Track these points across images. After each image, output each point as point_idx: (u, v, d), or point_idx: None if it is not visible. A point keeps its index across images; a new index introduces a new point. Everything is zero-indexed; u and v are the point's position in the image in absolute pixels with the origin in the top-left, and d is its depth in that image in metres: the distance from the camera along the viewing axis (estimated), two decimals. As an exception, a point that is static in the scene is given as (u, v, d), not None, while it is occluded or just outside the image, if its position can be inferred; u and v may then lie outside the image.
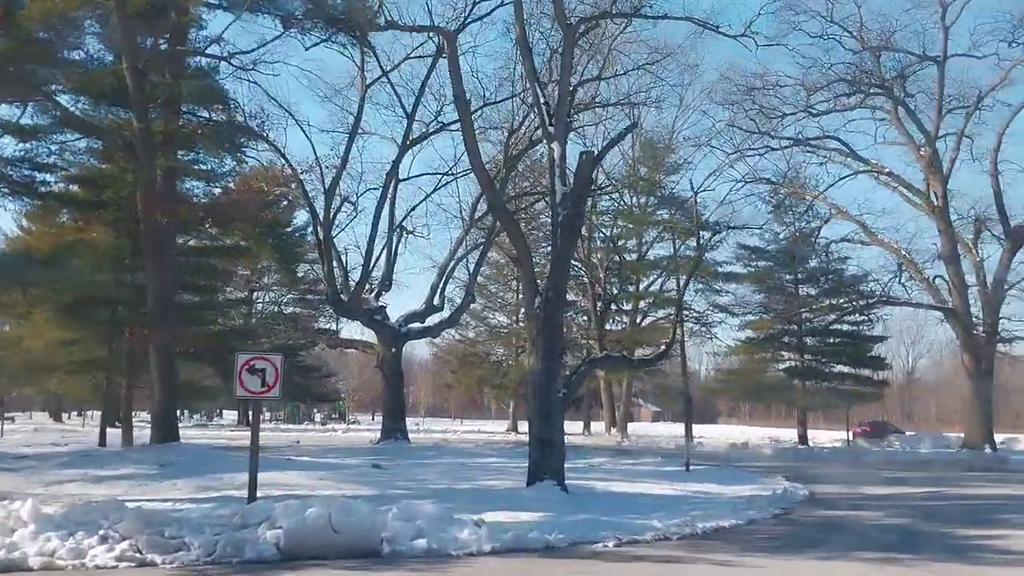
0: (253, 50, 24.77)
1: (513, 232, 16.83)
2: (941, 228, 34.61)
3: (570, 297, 50.75)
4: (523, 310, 42.49)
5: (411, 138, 31.00)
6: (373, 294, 32.22)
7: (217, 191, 29.06)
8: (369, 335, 34.72)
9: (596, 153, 16.48)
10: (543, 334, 15.03)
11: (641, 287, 46.40)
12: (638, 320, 45.83)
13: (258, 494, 14.20)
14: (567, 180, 15.27)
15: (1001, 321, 34.73)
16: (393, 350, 30.63)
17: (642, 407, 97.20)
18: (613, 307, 48.11)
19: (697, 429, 67.30)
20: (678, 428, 65.46)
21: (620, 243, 45.30)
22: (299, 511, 8.97)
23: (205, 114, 26.83)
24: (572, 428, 54.16)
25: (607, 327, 47.97)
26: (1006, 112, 35.00)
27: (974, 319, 34.30)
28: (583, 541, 9.93)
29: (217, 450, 22.90)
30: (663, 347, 19.76)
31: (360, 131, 31.23)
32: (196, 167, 27.87)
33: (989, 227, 36.55)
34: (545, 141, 16.64)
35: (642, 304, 46.86)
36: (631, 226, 45.35)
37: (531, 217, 37.69)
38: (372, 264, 31.47)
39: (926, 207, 35.39)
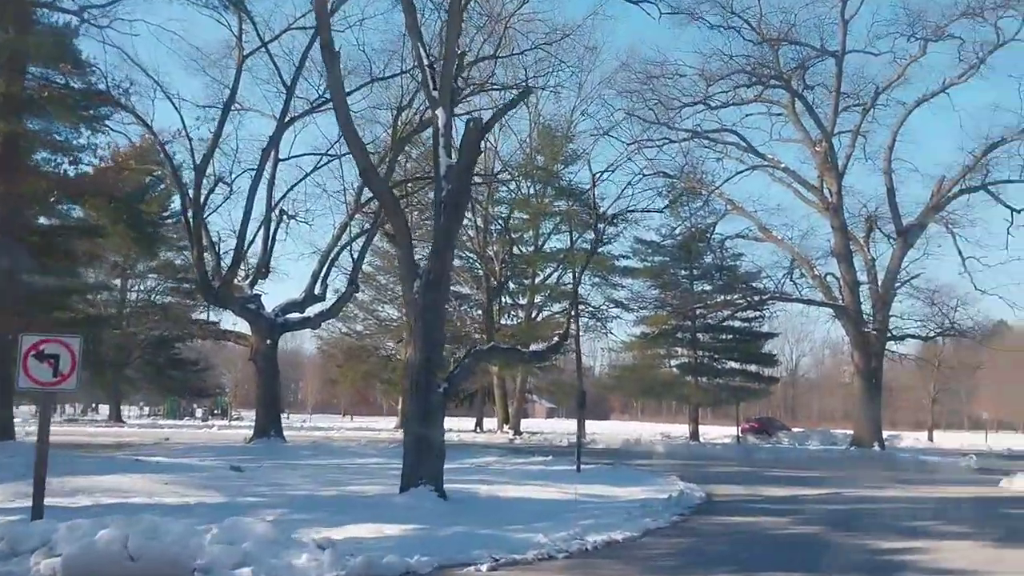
0: (108, 4, 22.26)
1: (387, 202, 15.07)
2: (835, 225, 34.58)
3: (464, 290, 49.26)
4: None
5: (291, 114, 28.73)
6: (247, 282, 29.77)
7: (71, 165, 26.08)
8: (244, 326, 32.19)
9: (485, 121, 14.85)
10: (422, 321, 13.34)
11: (537, 280, 45.10)
12: (533, 315, 44.56)
13: (87, 501, 12.11)
14: (452, 152, 13.63)
15: (891, 319, 34.99)
16: (268, 342, 28.26)
17: (536, 403, 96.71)
18: (508, 301, 46.77)
19: (591, 425, 66.75)
20: (572, 424, 64.68)
21: (516, 235, 43.93)
22: (88, 534, 7.03)
23: (61, 79, 23.96)
24: (464, 425, 52.76)
25: (503, 321, 46.63)
26: (901, 110, 35.37)
27: (865, 317, 34.40)
28: (452, 564, 8.25)
29: (65, 448, 20.25)
30: (555, 340, 18.28)
31: (237, 106, 28.82)
32: (49, 137, 24.90)
33: (880, 225, 36.91)
34: (431, 110, 15.01)
35: (538, 298, 45.62)
36: (527, 217, 44.02)
37: (423, 207, 35.80)
38: (246, 249, 29.05)
39: (820, 204, 35.34)
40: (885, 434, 53.00)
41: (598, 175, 27.56)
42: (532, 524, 10.60)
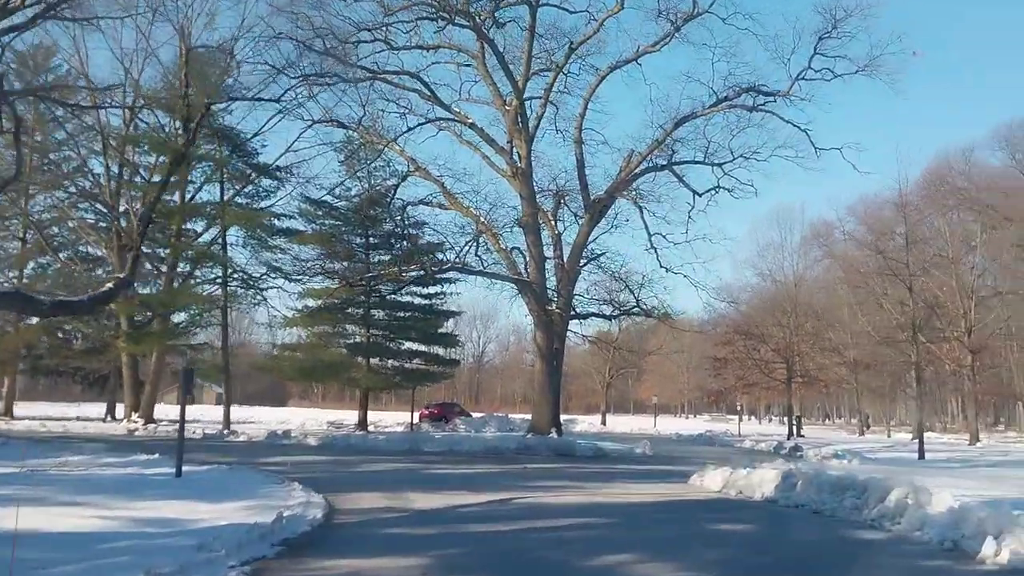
0: None
1: None
2: (523, 193, 31.44)
3: (96, 252, 40.56)
4: None
5: None
6: None
7: None
8: None
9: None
10: None
11: (183, 239, 37.56)
12: (175, 280, 37.13)
13: None
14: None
15: (576, 297, 32.63)
16: None
17: (206, 388, 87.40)
18: (148, 266, 38.81)
19: (256, 412, 60.38)
20: (241, 412, 57.62)
21: (156, 180, 36.23)
22: None
23: None
24: (92, 412, 43.98)
25: (139, 287, 38.71)
26: (594, 78, 33.03)
27: (550, 293, 31.69)
28: None
29: None
30: (109, 287, 12.34)
31: None
32: None
33: (568, 201, 34.61)
34: None
35: (184, 266, 38.14)
36: (170, 162, 36.38)
37: None
38: None
39: (509, 170, 32.04)
40: (562, 418, 52.20)
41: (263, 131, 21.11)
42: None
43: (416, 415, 43.82)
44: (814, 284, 60.03)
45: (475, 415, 47.98)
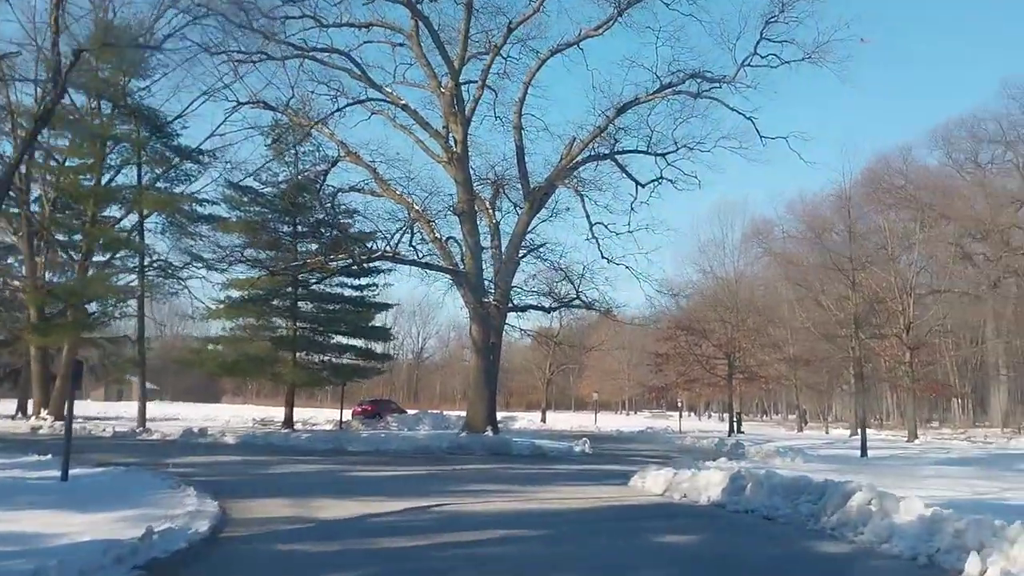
0: None
1: None
2: (459, 179, 29.98)
3: (4, 239, 37.88)
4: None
5: None
6: None
7: None
8: None
9: None
10: None
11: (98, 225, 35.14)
12: (89, 269, 34.75)
13: None
14: None
15: (514, 290, 31.30)
16: None
17: (134, 383, 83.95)
18: (63, 254, 36.38)
19: (183, 409, 57.86)
20: (167, 409, 55.02)
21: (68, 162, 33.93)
22: None
23: None
24: (3, 409, 41.15)
25: (51, 276, 36.32)
26: (534, 61, 31.69)
27: (487, 285, 30.30)
28: None
29: None
30: None
31: None
32: None
33: (507, 190, 33.31)
34: None
35: (100, 253, 35.75)
36: (83, 142, 34.07)
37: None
38: None
39: (445, 155, 30.55)
40: (501, 415, 50.83)
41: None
42: None
43: (349, 412, 42.26)
44: (755, 280, 59.94)
45: (412, 412, 46.37)
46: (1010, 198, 55.67)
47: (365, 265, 30.48)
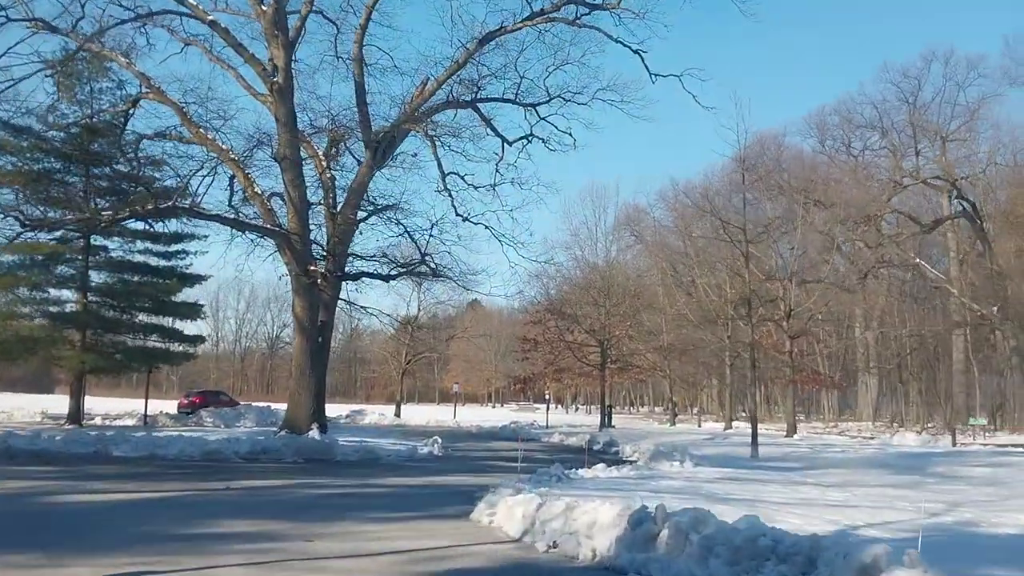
0: None
1: None
2: (281, 116, 24.06)
3: None
4: None
5: None
6: None
7: None
8: None
9: None
10: None
11: None
12: None
13: None
14: None
15: (351, 257, 25.75)
16: None
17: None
18: None
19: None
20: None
21: None
22: None
23: None
24: None
25: None
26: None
27: (316, 250, 24.68)
28: None
29: None
30: None
31: None
32: None
33: (348, 144, 27.72)
34: None
35: None
36: None
37: None
38: None
39: (267, 89, 24.55)
40: (351, 409, 45.07)
41: None
42: None
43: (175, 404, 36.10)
44: (628, 268, 56.40)
45: (242, 405, 39.86)
46: (883, 186, 54.13)
47: (154, 221, 24.04)
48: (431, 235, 24.74)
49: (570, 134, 27.77)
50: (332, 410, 48.84)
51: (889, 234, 51.66)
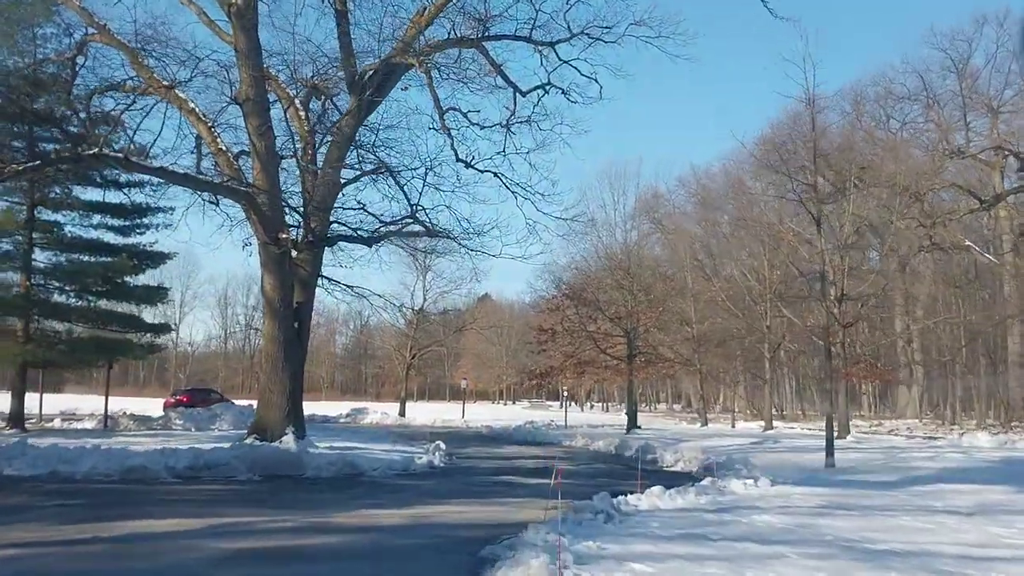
0: None
1: None
2: (241, 47, 19.42)
3: None
4: None
5: None
6: None
7: None
8: None
9: None
10: None
11: None
12: None
13: None
14: None
15: (334, 223, 21.19)
16: None
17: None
18: None
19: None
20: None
21: None
22: None
23: None
24: None
25: None
26: None
27: (289, 212, 20.19)
28: None
29: None
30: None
31: None
32: None
33: (333, 99, 23.08)
34: None
35: None
36: None
37: None
38: None
39: (224, 12, 19.97)
40: (354, 407, 40.59)
41: None
42: None
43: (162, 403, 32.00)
44: (649, 257, 51.66)
45: (238, 403, 35.29)
46: (932, 159, 49.17)
47: (73, 173, 19.55)
48: (425, 182, 19.99)
49: (596, 80, 23.20)
50: (334, 409, 44.83)
51: (943, 212, 46.71)
